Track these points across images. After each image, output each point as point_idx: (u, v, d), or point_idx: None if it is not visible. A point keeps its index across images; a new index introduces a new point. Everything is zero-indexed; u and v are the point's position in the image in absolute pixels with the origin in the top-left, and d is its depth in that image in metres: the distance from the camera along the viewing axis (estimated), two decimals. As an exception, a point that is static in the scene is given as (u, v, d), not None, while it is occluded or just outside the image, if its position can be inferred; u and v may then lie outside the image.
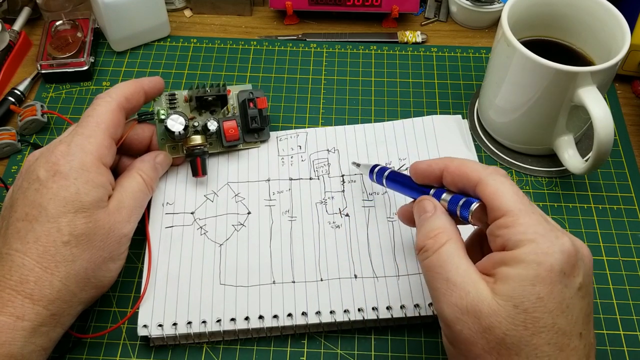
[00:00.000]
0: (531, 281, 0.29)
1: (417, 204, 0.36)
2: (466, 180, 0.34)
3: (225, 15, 0.64)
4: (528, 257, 0.30)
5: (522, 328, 0.29)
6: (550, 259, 0.29)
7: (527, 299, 0.29)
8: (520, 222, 0.31)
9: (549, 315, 0.29)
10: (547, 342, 0.29)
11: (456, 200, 0.34)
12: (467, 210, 0.33)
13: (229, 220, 0.46)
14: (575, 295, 0.30)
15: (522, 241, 0.30)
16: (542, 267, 0.29)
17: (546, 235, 0.30)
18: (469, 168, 0.34)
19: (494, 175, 0.33)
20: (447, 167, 0.35)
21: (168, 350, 0.42)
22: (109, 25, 0.57)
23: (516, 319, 0.29)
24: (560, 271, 0.29)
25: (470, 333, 0.30)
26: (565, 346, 0.29)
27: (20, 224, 0.36)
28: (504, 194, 0.32)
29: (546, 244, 0.30)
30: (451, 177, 0.35)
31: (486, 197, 0.32)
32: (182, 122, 0.45)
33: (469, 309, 0.30)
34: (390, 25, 0.63)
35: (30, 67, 0.59)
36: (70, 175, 0.37)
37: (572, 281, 0.30)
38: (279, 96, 0.56)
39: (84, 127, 0.40)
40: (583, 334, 0.30)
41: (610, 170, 0.51)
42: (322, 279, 0.43)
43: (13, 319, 0.34)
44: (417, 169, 0.37)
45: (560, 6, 0.49)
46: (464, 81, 0.58)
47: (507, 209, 0.31)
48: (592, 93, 0.43)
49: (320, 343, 0.42)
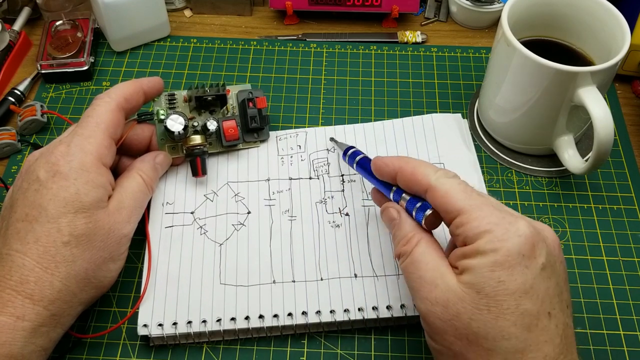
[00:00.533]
0: (490, 267, 0.30)
1: (383, 212, 0.38)
2: (417, 186, 0.35)
3: (225, 15, 0.64)
4: (485, 247, 0.31)
5: (486, 312, 0.30)
6: (506, 244, 0.31)
7: (487, 284, 0.30)
8: (473, 217, 0.32)
9: (511, 297, 0.30)
10: (513, 324, 0.30)
11: (413, 203, 0.36)
12: (421, 215, 0.35)
13: (229, 219, 0.46)
14: (539, 275, 0.31)
15: (478, 234, 0.31)
16: (499, 253, 0.30)
17: (500, 224, 0.31)
18: (419, 174, 0.35)
19: (442, 179, 0.34)
20: (401, 170, 0.36)
21: (168, 350, 0.42)
22: (109, 25, 0.57)
23: (479, 303, 0.30)
24: (518, 253, 0.30)
25: (440, 322, 0.32)
26: (533, 326, 0.30)
27: (20, 225, 0.36)
28: (453, 194, 0.33)
29: (500, 231, 0.31)
30: (404, 181, 0.36)
31: (437, 201, 0.34)
32: (182, 122, 0.45)
33: (438, 300, 0.32)
34: (390, 25, 0.63)
35: (30, 67, 0.59)
36: (70, 176, 0.37)
37: (533, 262, 0.31)
38: (278, 96, 0.56)
39: (84, 127, 0.40)
40: (552, 314, 0.31)
41: (610, 170, 0.51)
42: (322, 278, 0.43)
43: (13, 319, 0.34)
44: (376, 166, 0.39)
45: (560, 6, 0.49)
46: (464, 81, 0.58)
47: (459, 207, 0.32)
48: (592, 93, 0.43)
49: (320, 343, 0.42)
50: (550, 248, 0.32)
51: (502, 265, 0.30)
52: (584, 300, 0.44)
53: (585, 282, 0.45)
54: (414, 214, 0.36)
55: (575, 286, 0.45)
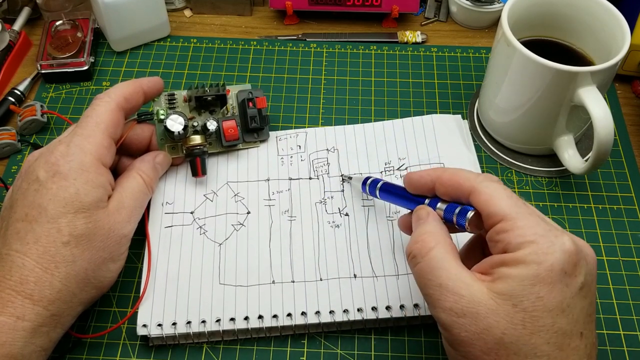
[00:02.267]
0: (531, 280, 0.29)
1: (414, 213, 0.36)
2: (459, 191, 0.34)
3: (225, 15, 0.64)
4: (528, 258, 0.30)
5: (521, 327, 0.29)
6: (550, 258, 0.29)
7: (526, 298, 0.29)
8: (518, 225, 0.31)
9: (548, 314, 0.29)
10: (547, 342, 0.29)
11: (452, 209, 0.34)
12: (463, 218, 0.33)
13: (229, 220, 0.46)
14: (577, 294, 0.30)
15: (522, 243, 0.30)
16: (542, 267, 0.29)
17: (545, 236, 0.30)
18: (461, 178, 0.34)
19: (486, 182, 0.33)
20: (440, 178, 0.35)
21: (168, 350, 0.42)
22: (109, 25, 0.57)
23: (515, 317, 0.29)
24: (560, 270, 0.29)
25: (467, 335, 0.30)
26: (565, 346, 0.29)
27: (20, 225, 0.36)
28: (498, 199, 0.32)
29: (546, 244, 0.30)
30: (444, 188, 0.35)
31: (481, 205, 0.32)
32: (182, 122, 0.45)
33: (465, 312, 0.30)
34: (390, 25, 0.63)
35: (30, 67, 0.59)
36: (69, 176, 0.37)
37: (573, 280, 0.30)
38: (278, 96, 0.56)
39: (83, 127, 0.40)
40: (584, 334, 0.30)
41: (610, 170, 0.51)
42: (322, 278, 0.43)
43: (13, 319, 0.34)
44: (411, 180, 0.37)
45: (560, 6, 0.49)
46: (464, 81, 0.58)
47: (503, 213, 0.31)
48: (592, 93, 0.43)
49: (320, 343, 0.42)
50: (589, 266, 0.31)
51: (544, 279, 0.29)
52: (584, 300, 0.44)
53: (585, 282, 0.45)
54: (454, 219, 0.34)
55: (575, 286, 0.45)
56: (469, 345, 0.30)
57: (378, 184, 0.42)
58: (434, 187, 0.36)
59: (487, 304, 0.30)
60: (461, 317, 0.30)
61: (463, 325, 0.30)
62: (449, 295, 0.31)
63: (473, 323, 0.30)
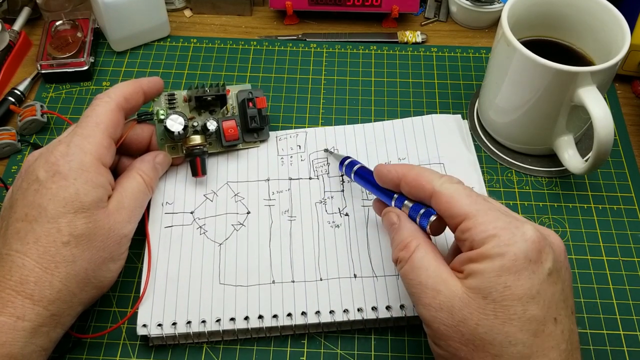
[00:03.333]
0: (497, 272, 0.30)
1: (384, 216, 0.38)
2: (422, 192, 0.35)
3: (225, 15, 0.64)
4: (492, 251, 0.31)
5: (493, 317, 0.30)
6: (513, 248, 0.30)
7: (494, 289, 0.30)
8: (479, 222, 0.32)
9: (518, 302, 0.30)
10: (520, 329, 0.30)
11: (417, 209, 0.36)
12: (426, 221, 0.35)
13: (229, 219, 0.46)
14: (545, 280, 0.31)
15: (484, 238, 0.31)
16: (506, 258, 0.30)
17: (506, 228, 0.31)
18: (424, 180, 0.35)
19: (446, 184, 0.34)
20: (405, 177, 0.36)
21: (168, 350, 0.42)
22: (109, 25, 0.57)
23: (486, 309, 0.30)
24: (524, 258, 0.30)
25: (446, 328, 0.31)
26: (539, 332, 0.30)
27: (20, 225, 0.36)
28: (459, 199, 0.33)
29: (507, 236, 0.31)
30: (408, 188, 0.36)
31: (442, 206, 0.34)
32: (182, 122, 0.45)
33: (442, 306, 0.32)
34: (390, 25, 0.63)
35: (30, 67, 0.59)
36: (69, 176, 0.37)
37: (539, 267, 0.31)
38: (278, 96, 0.56)
39: (83, 127, 0.40)
40: (558, 319, 0.31)
41: (610, 170, 0.51)
42: (322, 278, 0.43)
43: (13, 319, 0.34)
44: (379, 174, 0.38)
45: (560, 6, 0.49)
46: (464, 81, 0.58)
47: (465, 212, 0.32)
48: (592, 93, 0.43)
49: (320, 343, 0.42)
50: (556, 254, 0.32)
51: (509, 269, 0.30)
52: (584, 300, 0.44)
53: (585, 282, 0.45)
54: (417, 220, 0.36)
55: (575, 286, 0.45)
56: (448, 338, 0.32)
57: (354, 167, 0.43)
58: (399, 184, 0.37)
59: (461, 297, 0.31)
60: (439, 311, 0.32)
61: (441, 319, 0.32)
62: (428, 291, 0.32)
63: (449, 316, 0.31)
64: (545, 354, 0.30)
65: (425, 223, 0.35)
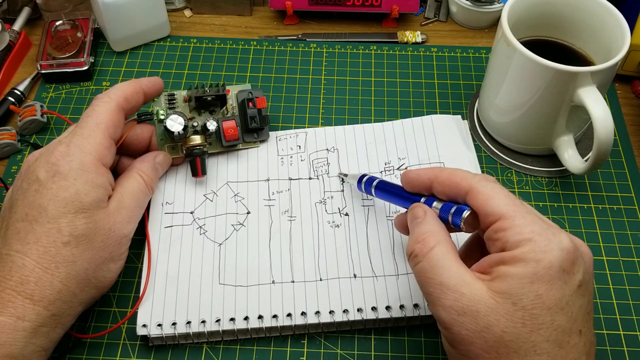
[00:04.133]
0: (530, 279, 0.29)
1: (410, 211, 0.36)
2: (457, 190, 0.34)
3: (225, 15, 0.64)
4: (527, 256, 0.30)
5: (521, 325, 0.29)
6: (548, 256, 0.30)
7: (525, 296, 0.29)
8: (516, 224, 0.31)
9: (547, 312, 0.29)
10: (546, 339, 0.29)
11: (447, 208, 0.34)
12: (459, 218, 0.34)
13: (229, 220, 0.46)
14: (575, 292, 0.30)
15: (520, 241, 0.30)
16: (540, 265, 0.29)
17: (543, 234, 0.30)
18: (459, 177, 0.34)
19: (483, 182, 0.33)
20: (437, 177, 0.35)
21: (168, 350, 0.42)
22: (109, 25, 0.57)
23: (514, 316, 0.29)
24: (559, 268, 0.30)
25: (468, 333, 0.30)
26: (564, 343, 0.30)
27: (20, 225, 0.36)
28: (496, 198, 0.32)
29: (544, 242, 0.30)
30: (441, 187, 0.35)
31: (478, 204, 0.32)
32: (182, 122, 0.45)
33: (465, 310, 0.30)
34: (390, 25, 0.63)
35: (30, 67, 0.59)
36: (69, 176, 0.37)
37: (571, 278, 0.30)
38: (278, 96, 0.56)
39: (83, 127, 0.40)
40: (583, 331, 0.30)
41: (610, 170, 0.51)
42: (322, 278, 0.43)
43: (13, 319, 0.34)
44: (408, 178, 0.37)
45: (560, 6, 0.49)
46: (464, 81, 0.58)
47: (501, 212, 0.31)
48: (592, 93, 0.43)
49: (320, 343, 0.42)
50: (586, 265, 0.31)
51: (542, 277, 0.29)
52: (584, 300, 0.44)
53: (585, 282, 0.45)
54: (450, 218, 0.34)
55: (575, 286, 0.45)
56: (469, 344, 0.30)
57: (374, 182, 0.42)
58: (431, 186, 0.36)
59: (487, 303, 0.30)
60: (461, 315, 0.30)
61: (463, 323, 0.30)
62: (450, 293, 0.31)
63: (473, 321, 0.30)
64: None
65: (459, 220, 0.33)
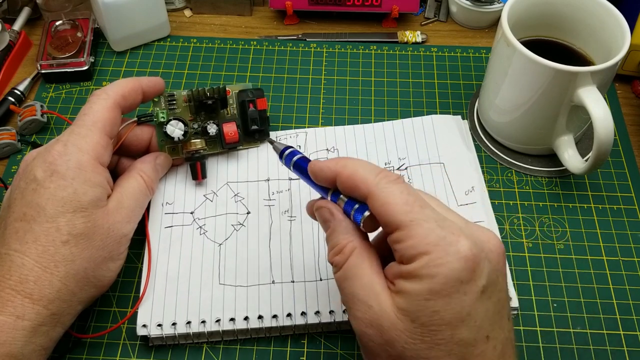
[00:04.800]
0: (425, 296, 0.28)
1: (317, 211, 0.35)
2: (357, 193, 0.32)
3: (225, 15, 0.64)
4: (421, 272, 0.28)
5: (420, 341, 0.29)
6: (444, 270, 0.28)
7: (422, 313, 0.28)
8: (411, 235, 0.29)
9: (446, 327, 0.28)
10: (447, 354, 0.28)
11: (350, 206, 0.33)
12: (360, 216, 0.32)
13: (229, 220, 0.46)
14: (478, 299, 0.29)
15: (414, 255, 0.29)
16: (435, 280, 0.28)
17: (440, 244, 0.28)
18: (358, 179, 0.31)
19: (382, 184, 0.31)
20: (340, 175, 0.32)
21: (168, 350, 0.42)
22: (109, 25, 0.57)
23: (414, 332, 0.29)
24: (456, 280, 0.28)
25: (374, 346, 0.30)
26: (468, 354, 0.29)
27: (19, 224, 0.36)
28: (392, 205, 0.30)
29: (440, 254, 0.28)
30: (343, 186, 0.33)
31: (377, 211, 0.31)
32: (182, 127, 0.45)
33: (372, 323, 0.30)
34: (390, 25, 0.63)
35: (30, 67, 0.59)
36: (67, 175, 0.37)
37: (472, 287, 0.29)
38: (279, 96, 0.56)
39: (80, 126, 0.40)
40: (491, 336, 0.29)
41: (610, 170, 0.51)
42: (322, 278, 0.43)
43: (13, 318, 0.34)
44: (312, 171, 0.35)
45: (560, 6, 0.49)
46: (464, 81, 0.58)
47: (397, 222, 0.29)
48: (592, 93, 0.43)
49: (320, 343, 0.42)
50: (493, 264, 0.30)
51: (438, 293, 0.28)
52: (584, 300, 0.44)
53: (585, 282, 0.45)
54: (352, 215, 0.33)
55: (575, 286, 0.45)
56: (376, 356, 0.30)
57: (294, 158, 0.39)
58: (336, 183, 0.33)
59: (389, 317, 0.29)
60: (369, 327, 0.30)
61: (370, 335, 0.30)
62: (360, 304, 0.30)
63: (378, 335, 0.30)
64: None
65: (359, 219, 0.32)
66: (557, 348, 0.42)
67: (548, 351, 0.42)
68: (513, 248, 0.47)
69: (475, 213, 0.46)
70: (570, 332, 0.43)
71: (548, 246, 0.47)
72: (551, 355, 0.42)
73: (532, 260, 0.46)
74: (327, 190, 0.35)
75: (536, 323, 0.43)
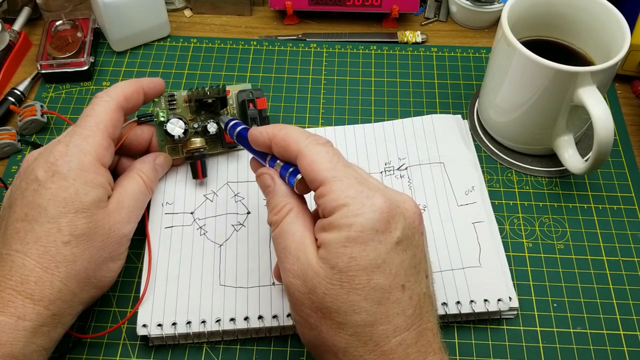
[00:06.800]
0: (343, 243, 0.31)
1: (258, 178, 0.38)
2: (288, 153, 0.35)
3: (225, 15, 0.64)
4: (340, 221, 0.31)
5: (339, 287, 0.31)
6: (360, 219, 0.31)
7: (340, 259, 0.31)
8: (332, 189, 0.32)
9: (363, 272, 0.30)
10: (364, 298, 0.31)
11: (286, 169, 0.35)
12: (293, 180, 0.35)
13: (229, 220, 0.46)
14: (393, 249, 0.31)
15: (335, 207, 0.31)
16: (352, 229, 0.31)
17: (357, 197, 0.31)
18: (290, 140, 0.34)
19: (310, 146, 0.34)
20: (275, 137, 0.36)
21: (168, 350, 0.42)
22: (109, 25, 0.57)
23: (333, 279, 0.31)
24: (371, 229, 0.31)
25: (299, 295, 0.32)
26: (384, 300, 0.31)
27: (20, 225, 0.36)
28: (319, 163, 0.33)
29: (357, 206, 0.31)
30: (277, 149, 0.35)
31: (304, 169, 0.33)
32: (182, 125, 0.45)
33: (298, 273, 0.32)
34: (390, 25, 0.63)
35: (30, 67, 0.59)
36: (69, 176, 0.37)
37: (387, 237, 0.31)
38: (279, 96, 0.56)
39: (83, 127, 0.40)
40: (406, 286, 0.31)
41: (610, 170, 0.51)
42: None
43: (14, 319, 0.34)
44: (251, 137, 0.38)
45: (560, 6, 0.49)
46: (464, 81, 0.58)
47: (322, 178, 0.32)
48: (592, 93, 0.43)
49: (320, 343, 0.42)
50: (408, 221, 0.32)
51: (354, 240, 0.31)
52: (584, 300, 0.44)
53: (585, 282, 0.45)
54: (286, 179, 0.35)
55: (575, 286, 0.45)
56: (301, 304, 0.32)
57: (237, 128, 0.42)
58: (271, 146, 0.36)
59: (313, 267, 0.32)
60: (295, 277, 0.32)
61: (296, 285, 0.32)
62: (290, 257, 0.33)
63: (303, 284, 0.32)
64: (390, 321, 0.31)
65: (293, 182, 0.35)
66: (557, 348, 0.42)
67: (548, 351, 0.42)
68: (513, 248, 0.47)
69: (475, 213, 0.46)
70: (570, 332, 0.43)
71: (548, 246, 0.47)
72: (551, 355, 0.42)
73: (532, 260, 0.46)
74: (265, 156, 0.38)
75: (536, 323, 0.43)
